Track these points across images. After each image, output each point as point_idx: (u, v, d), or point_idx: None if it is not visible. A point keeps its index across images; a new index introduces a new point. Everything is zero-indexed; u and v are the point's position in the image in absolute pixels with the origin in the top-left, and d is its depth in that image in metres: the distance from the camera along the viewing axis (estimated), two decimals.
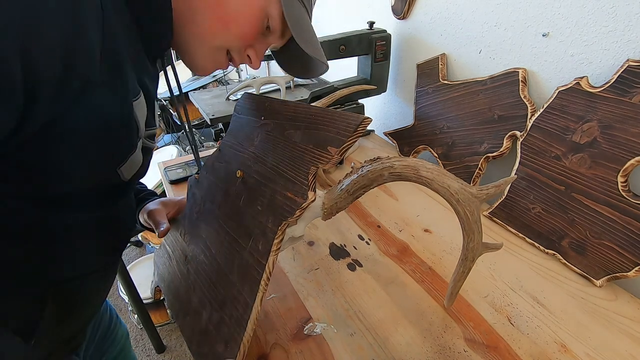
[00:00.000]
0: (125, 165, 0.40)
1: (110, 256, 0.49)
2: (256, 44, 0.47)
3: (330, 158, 0.37)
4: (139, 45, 0.40)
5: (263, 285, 0.39)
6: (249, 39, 0.45)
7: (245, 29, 0.43)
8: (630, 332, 0.50)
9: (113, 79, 0.34)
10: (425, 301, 0.54)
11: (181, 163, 0.93)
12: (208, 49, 0.44)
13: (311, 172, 0.38)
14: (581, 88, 0.56)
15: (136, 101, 0.39)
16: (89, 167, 0.37)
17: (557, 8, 0.60)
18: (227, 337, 0.42)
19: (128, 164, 0.41)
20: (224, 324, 0.43)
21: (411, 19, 0.91)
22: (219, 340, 0.43)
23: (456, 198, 0.36)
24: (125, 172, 0.41)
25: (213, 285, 0.47)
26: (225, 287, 0.45)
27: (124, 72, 0.35)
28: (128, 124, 0.38)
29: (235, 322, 0.42)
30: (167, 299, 0.56)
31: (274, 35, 0.46)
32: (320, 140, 0.39)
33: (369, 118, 0.36)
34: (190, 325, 0.48)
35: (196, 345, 0.46)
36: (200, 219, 0.54)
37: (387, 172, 0.36)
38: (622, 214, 0.53)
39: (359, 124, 0.36)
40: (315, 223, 0.71)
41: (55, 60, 0.27)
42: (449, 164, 0.80)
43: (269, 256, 0.39)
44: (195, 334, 0.47)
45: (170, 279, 0.57)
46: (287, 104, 0.46)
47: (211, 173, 0.56)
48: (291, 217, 0.38)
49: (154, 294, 0.62)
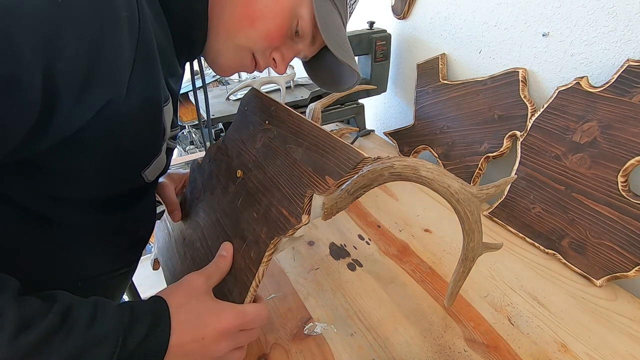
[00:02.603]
0: (149, 168, 0.40)
1: (131, 255, 0.49)
2: (283, 48, 0.45)
3: (327, 189, 0.38)
4: (172, 50, 0.40)
5: (252, 292, 0.40)
6: (275, 39, 0.43)
7: (271, 27, 0.42)
8: (630, 332, 0.50)
9: (145, 86, 0.33)
10: (425, 301, 0.54)
11: (181, 163, 0.93)
12: (233, 47, 0.43)
13: (307, 196, 0.39)
14: (581, 88, 0.56)
15: (166, 107, 0.38)
16: (114, 174, 0.37)
17: (557, 8, 0.60)
18: None
19: (153, 167, 0.40)
20: None
21: (411, 19, 0.91)
22: None
23: (456, 198, 0.36)
24: (149, 175, 0.41)
25: None
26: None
27: (155, 81, 0.35)
28: (156, 130, 0.38)
29: None
30: (165, 274, 0.57)
31: (304, 40, 0.45)
32: (319, 167, 0.40)
33: (369, 157, 0.37)
34: None
35: None
36: (199, 206, 0.54)
37: (387, 172, 0.36)
38: (622, 214, 0.53)
39: (358, 162, 0.37)
40: (315, 223, 0.71)
41: (77, 71, 0.27)
42: (449, 164, 0.80)
43: (260, 266, 0.39)
44: None
45: (169, 256, 0.58)
46: (291, 114, 0.46)
47: (213, 162, 0.56)
48: (284, 235, 0.39)
49: (153, 265, 0.63)
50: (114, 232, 0.44)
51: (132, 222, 0.46)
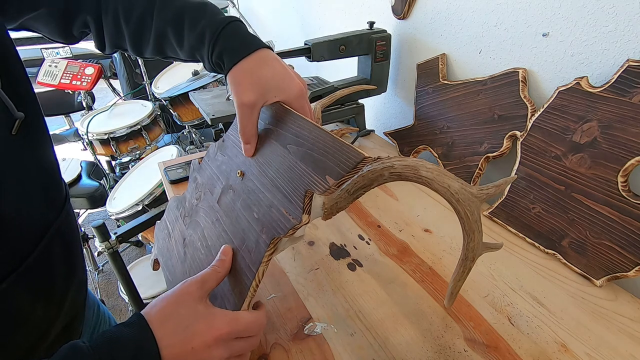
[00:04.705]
0: None
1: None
2: None
3: (327, 188, 0.38)
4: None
5: (251, 292, 0.40)
6: None
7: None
8: (630, 332, 0.50)
9: None
10: (425, 301, 0.54)
11: (181, 163, 0.93)
12: None
13: (307, 196, 0.39)
14: (581, 88, 0.56)
15: None
16: None
17: (557, 8, 0.60)
18: None
19: None
20: None
21: (411, 19, 0.91)
22: None
23: (456, 198, 0.36)
24: None
25: None
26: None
27: None
28: None
29: None
30: (165, 274, 0.57)
31: None
32: (319, 166, 0.40)
33: (370, 157, 0.37)
34: None
35: None
36: (199, 206, 0.54)
37: (387, 172, 0.36)
38: (622, 214, 0.53)
39: (359, 161, 0.37)
40: (315, 223, 0.71)
41: None
42: (449, 164, 0.80)
43: (260, 266, 0.39)
44: None
45: (169, 256, 0.58)
46: (292, 114, 0.46)
47: (213, 162, 0.56)
48: (284, 235, 0.39)
49: (153, 265, 0.63)
50: None
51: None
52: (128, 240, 1.44)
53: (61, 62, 1.82)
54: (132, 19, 0.47)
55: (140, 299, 1.20)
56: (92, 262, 1.79)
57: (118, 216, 1.39)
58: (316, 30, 1.38)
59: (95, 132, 1.67)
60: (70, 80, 1.79)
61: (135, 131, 1.73)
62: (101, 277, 1.84)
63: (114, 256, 1.04)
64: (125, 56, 2.27)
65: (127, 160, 1.94)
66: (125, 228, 1.07)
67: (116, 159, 1.87)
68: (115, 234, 1.03)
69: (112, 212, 1.40)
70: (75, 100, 2.10)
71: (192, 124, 1.84)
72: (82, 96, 1.91)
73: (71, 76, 1.79)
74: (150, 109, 1.80)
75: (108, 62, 2.28)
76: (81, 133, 1.70)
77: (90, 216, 2.30)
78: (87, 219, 2.28)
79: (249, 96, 0.44)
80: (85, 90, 1.81)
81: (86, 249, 1.71)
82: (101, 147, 1.72)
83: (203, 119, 1.73)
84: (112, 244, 1.02)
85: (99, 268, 1.83)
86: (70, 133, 2.12)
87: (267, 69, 0.44)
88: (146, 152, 1.79)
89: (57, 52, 2.03)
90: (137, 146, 1.75)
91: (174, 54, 0.50)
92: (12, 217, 0.36)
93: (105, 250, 1.01)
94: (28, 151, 0.40)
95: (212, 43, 0.45)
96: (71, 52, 2.08)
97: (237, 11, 1.70)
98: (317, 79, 0.98)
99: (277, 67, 0.45)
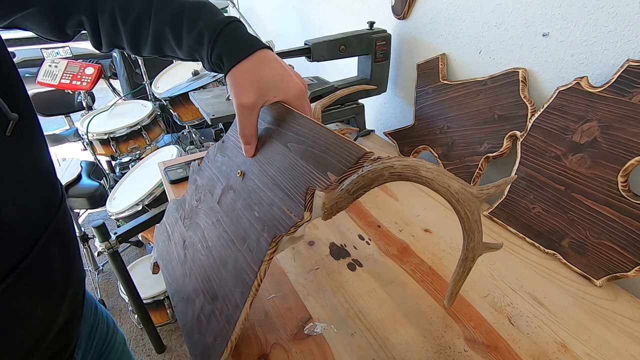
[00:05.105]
0: None
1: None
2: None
3: (329, 184, 0.38)
4: None
5: (253, 291, 0.40)
6: None
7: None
8: (630, 332, 0.50)
9: None
10: (425, 301, 0.54)
11: (181, 163, 0.93)
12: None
13: (308, 192, 0.39)
14: (581, 88, 0.56)
15: None
16: None
17: (557, 8, 0.60)
18: (216, 331, 0.43)
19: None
20: (214, 317, 0.44)
21: (411, 19, 0.91)
22: (209, 331, 0.44)
23: (456, 198, 0.36)
24: None
25: (207, 277, 0.47)
26: (219, 282, 0.45)
27: None
28: None
29: (225, 319, 0.42)
30: (164, 277, 0.57)
31: None
32: (320, 163, 0.40)
33: (371, 152, 0.37)
34: (184, 310, 0.49)
35: (188, 330, 0.47)
36: (199, 208, 0.54)
37: (387, 172, 0.36)
38: (622, 214, 0.53)
39: (360, 156, 0.37)
40: (315, 223, 0.71)
41: None
42: (449, 164, 0.80)
43: (261, 265, 0.39)
44: (187, 319, 0.48)
45: (169, 259, 0.57)
46: (292, 113, 0.46)
47: (213, 164, 0.56)
48: (286, 232, 0.39)
49: (153, 269, 0.63)
50: None
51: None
52: (128, 240, 1.43)
53: (61, 62, 1.82)
54: (130, 19, 0.47)
55: (140, 299, 1.20)
56: (92, 262, 1.79)
57: (118, 216, 1.39)
58: (316, 30, 1.38)
59: (95, 132, 1.67)
60: (70, 80, 1.79)
61: (135, 131, 1.72)
62: (101, 277, 1.84)
63: (114, 256, 1.04)
64: (125, 56, 2.27)
65: (127, 160, 1.94)
66: (125, 228, 1.07)
67: (116, 159, 1.87)
68: (115, 234, 1.03)
69: (112, 212, 1.40)
70: (75, 100, 2.10)
71: (192, 124, 1.84)
72: (82, 96, 1.91)
73: (71, 76, 1.79)
74: (150, 109, 1.80)
75: (108, 62, 2.28)
76: (81, 133, 1.70)
77: (90, 216, 2.30)
78: (87, 219, 2.28)
79: (249, 97, 0.44)
80: (85, 90, 1.81)
81: (86, 249, 1.71)
82: (101, 147, 1.72)
83: (203, 119, 1.73)
84: (112, 244, 1.02)
85: (99, 268, 1.83)
86: (70, 133, 2.13)
87: (266, 69, 0.44)
88: (146, 152, 1.78)
89: (57, 52, 2.03)
90: (137, 146, 1.75)
91: (173, 54, 0.50)
92: (8, 218, 0.36)
93: (105, 250, 1.01)
94: (22, 152, 0.40)
95: (210, 44, 0.45)
96: (71, 52, 2.08)
97: (237, 11, 1.70)
98: (317, 79, 0.98)
99: (277, 67, 0.45)
